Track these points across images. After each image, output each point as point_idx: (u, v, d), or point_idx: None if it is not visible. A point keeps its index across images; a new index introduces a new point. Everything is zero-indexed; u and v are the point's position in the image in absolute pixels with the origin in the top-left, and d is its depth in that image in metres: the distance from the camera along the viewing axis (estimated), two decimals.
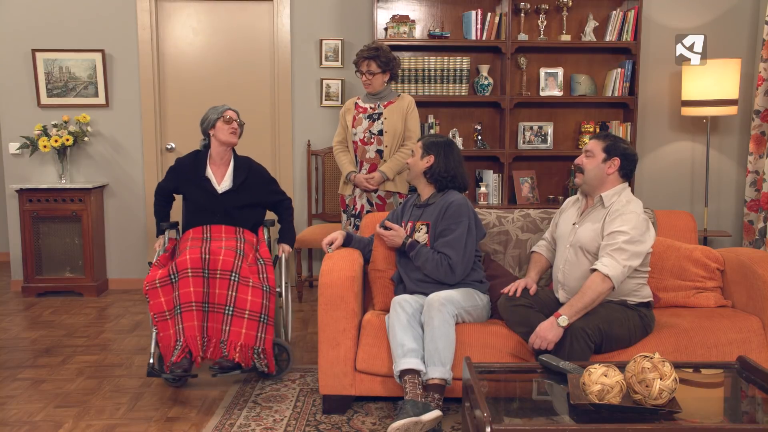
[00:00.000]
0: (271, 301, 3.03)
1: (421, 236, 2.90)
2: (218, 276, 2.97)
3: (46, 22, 4.79)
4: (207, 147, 3.41)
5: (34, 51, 4.77)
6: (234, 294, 2.97)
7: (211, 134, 3.34)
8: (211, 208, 3.32)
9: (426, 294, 2.81)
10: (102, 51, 4.80)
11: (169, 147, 5.00)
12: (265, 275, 3.12)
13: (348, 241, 3.09)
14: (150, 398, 3.00)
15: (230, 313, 2.95)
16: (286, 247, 3.50)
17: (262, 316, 2.98)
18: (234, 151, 3.44)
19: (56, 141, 4.66)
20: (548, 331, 2.52)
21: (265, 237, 3.42)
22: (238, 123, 3.37)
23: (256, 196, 3.40)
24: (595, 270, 2.58)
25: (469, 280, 2.87)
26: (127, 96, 4.89)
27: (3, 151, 4.91)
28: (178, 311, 2.93)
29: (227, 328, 2.94)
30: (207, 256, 2.99)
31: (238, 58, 4.94)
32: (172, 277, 2.98)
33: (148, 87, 4.87)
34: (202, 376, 3.21)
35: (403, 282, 2.93)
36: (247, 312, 2.96)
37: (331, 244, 3.05)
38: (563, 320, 2.52)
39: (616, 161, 2.69)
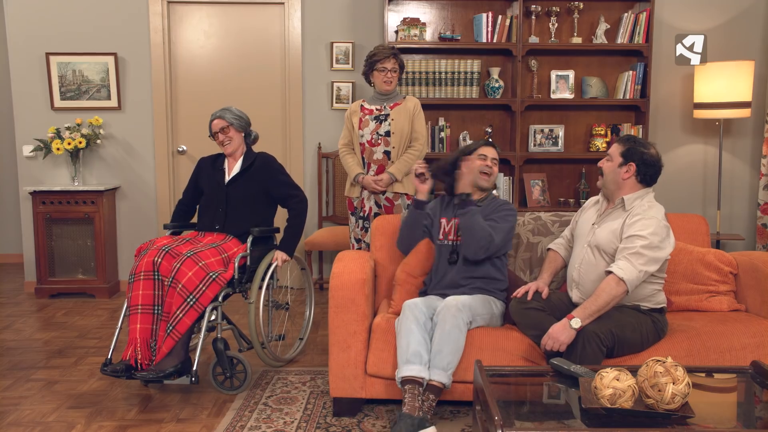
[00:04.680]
0: (187, 316, 2.90)
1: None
2: (178, 290, 2.92)
3: (60, 26, 4.84)
4: None
5: (47, 54, 4.82)
6: (181, 316, 2.90)
7: None
8: (216, 200, 3.32)
9: (444, 295, 2.82)
10: (114, 54, 4.84)
11: (180, 149, 5.02)
12: (203, 289, 2.94)
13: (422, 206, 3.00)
14: (161, 399, 3.02)
15: (169, 330, 2.91)
16: (280, 255, 3.26)
17: (170, 325, 2.91)
18: (249, 147, 3.44)
19: (69, 143, 4.71)
20: (560, 333, 2.51)
21: (248, 249, 3.20)
22: (226, 135, 3.32)
23: (260, 183, 3.31)
24: (610, 272, 2.56)
25: (492, 287, 2.87)
26: (139, 99, 4.93)
27: (17, 154, 4.96)
28: (128, 314, 2.98)
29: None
30: (178, 266, 2.94)
31: (249, 61, 4.96)
32: (131, 278, 3.01)
33: (160, 90, 4.90)
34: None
35: (427, 288, 2.94)
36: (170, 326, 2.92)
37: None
38: (576, 322, 2.51)
39: (632, 167, 2.67)
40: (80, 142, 4.71)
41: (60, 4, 4.82)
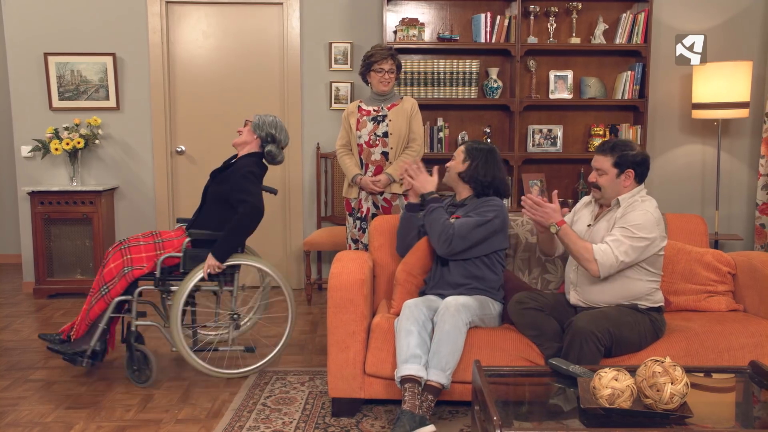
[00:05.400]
0: (97, 304, 3.12)
1: None
2: (99, 278, 3.17)
3: (58, 26, 4.83)
4: None
5: (46, 54, 4.81)
6: (93, 303, 3.16)
7: None
8: (202, 195, 3.38)
9: (442, 295, 2.81)
10: (113, 54, 4.84)
11: (179, 150, 5.02)
12: (116, 281, 3.11)
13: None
14: (160, 400, 3.02)
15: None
16: (208, 261, 3.06)
17: (87, 311, 3.16)
18: (260, 155, 3.35)
19: (67, 144, 4.70)
20: (551, 216, 2.65)
21: (182, 250, 3.14)
22: (242, 129, 3.38)
23: (224, 185, 3.21)
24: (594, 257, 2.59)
25: (487, 286, 2.87)
26: (138, 99, 4.92)
27: (15, 154, 4.95)
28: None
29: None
30: (110, 256, 3.18)
31: (247, 61, 4.96)
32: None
33: (159, 90, 4.90)
34: (213, 379, 3.23)
35: (426, 288, 2.93)
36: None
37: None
38: (554, 228, 2.64)
39: (630, 173, 2.66)
40: (78, 143, 4.71)
41: (58, 4, 4.82)
